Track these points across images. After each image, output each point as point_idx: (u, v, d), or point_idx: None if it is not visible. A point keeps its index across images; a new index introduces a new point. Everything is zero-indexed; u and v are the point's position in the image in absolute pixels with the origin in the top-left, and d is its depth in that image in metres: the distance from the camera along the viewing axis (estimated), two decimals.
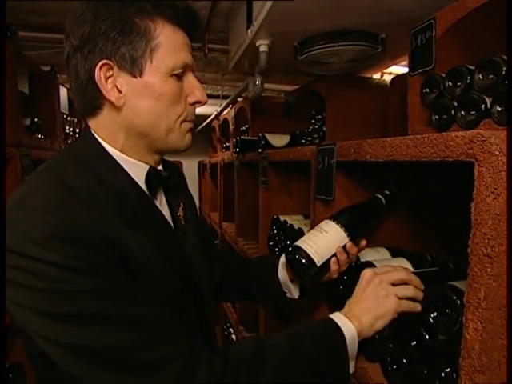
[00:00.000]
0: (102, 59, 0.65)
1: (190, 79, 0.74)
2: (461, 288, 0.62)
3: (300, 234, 1.27)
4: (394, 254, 0.95)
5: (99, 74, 0.66)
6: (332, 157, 0.88)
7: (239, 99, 2.39)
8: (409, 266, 0.85)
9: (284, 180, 1.55)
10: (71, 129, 2.34)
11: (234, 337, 2.53)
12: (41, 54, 2.01)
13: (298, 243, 0.83)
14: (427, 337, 0.66)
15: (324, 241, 0.81)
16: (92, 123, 0.73)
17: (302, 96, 1.92)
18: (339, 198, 0.92)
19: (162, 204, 0.79)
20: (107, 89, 0.67)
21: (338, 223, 0.82)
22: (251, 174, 2.04)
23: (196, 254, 0.84)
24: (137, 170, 0.73)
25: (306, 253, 0.80)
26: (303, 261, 0.80)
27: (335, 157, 0.87)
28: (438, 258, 0.94)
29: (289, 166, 1.49)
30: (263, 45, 1.38)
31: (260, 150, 1.61)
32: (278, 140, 1.65)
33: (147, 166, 0.74)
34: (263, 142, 1.62)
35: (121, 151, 0.72)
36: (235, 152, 1.98)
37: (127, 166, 0.72)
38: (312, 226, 1.04)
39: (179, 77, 0.71)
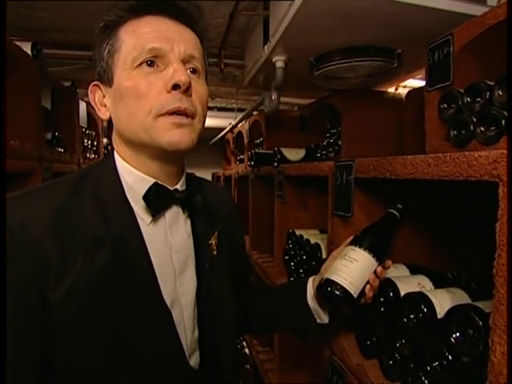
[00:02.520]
0: (93, 82, 0.71)
1: (167, 65, 0.65)
2: (483, 309, 0.61)
3: (316, 248, 1.27)
4: (413, 271, 0.93)
5: (91, 96, 0.72)
6: (350, 173, 0.88)
7: (254, 113, 2.42)
8: (429, 283, 0.84)
9: (299, 194, 1.55)
10: (89, 142, 2.39)
11: (247, 350, 2.51)
12: (62, 70, 2.07)
13: (330, 277, 0.78)
14: (450, 358, 0.64)
15: (356, 271, 0.77)
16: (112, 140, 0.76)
17: (316, 110, 1.93)
18: (357, 214, 0.91)
19: (174, 227, 0.72)
20: (98, 107, 0.72)
21: (365, 249, 0.79)
22: (266, 188, 2.05)
23: (220, 297, 0.77)
24: (141, 185, 0.68)
25: (341, 286, 0.76)
26: (339, 294, 0.76)
27: (353, 173, 0.87)
28: (459, 277, 0.92)
29: (304, 181, 1.49)
30: (280, 61, 1.40)
31: (276, 164, 1.62)
32: (294, 154, 1.66)
33: (152, 181, 0.69)
34: (279, 156, 1.63)
35: (131, 165, 0.70)
36: (250, 165, 2.00)
37: (133, 179, 0.69)
38: (329, 242, 1.03)
39: (149, 66, 0.65)
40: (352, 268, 0.77)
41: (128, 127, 0.67)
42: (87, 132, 2.35)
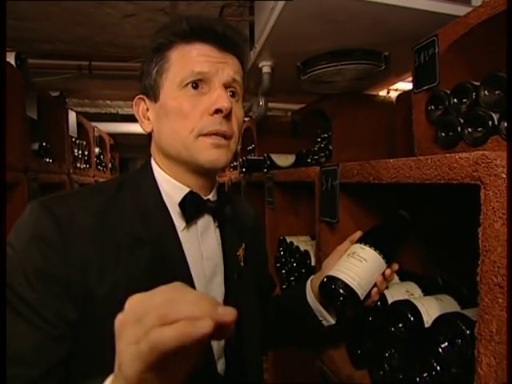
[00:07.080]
0: (138, 95, 0.75)
1: (211, 89, 0.70)
2: (471, 317, 0.59)
3: (306, 255, 1.24)
4: (403, 277, 0.91)
5: (135, 108, 0.76)
6: (335, 178, 0.86)
7: (245, 119, 2.41)
8: (418, 290, 0.81)
9: (290, 200, 1.53)
10: (80, 152, 2.37)
11: None
12: (51, 79, 2.06)
13: (337, 275, 0.73)
14: (438, 368, 0.62)
15: (365, 271, 0.72)
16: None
17: (307, 115, 1.91)
18: (344, 220, 0.89)
19: (205, 235, 0.75)
20: (141, 119, 0.76)
21: (375, 249, 0.73)
22: (258, 194, 2.02)
23: (247, 308, 0.77)
24: (178, 193, 0.73)
25: (347, 286, 0.71)
26: (345, 294, 0.70)
27: (338, 178, 0.85)
28: (450, 282, 0.90)
29: (295, 186, 1.47)
30: (266, 66, 1.38)
31: (265, 171, 1.60)
32: (284, 160, 1.64)
33: (188, 190, 0.73)
34: (268, 163, 1.61)
35: (168, 174, 0.74)
36: (242, 172, 1.98)
37: (169, 187, 0.73)
38: (317, 249, 1.01)
39: (194, 88, 0.69)
40: (361, 268, 0.72)
41: (170, 143, 0.71)
42: (77, 142, 2.33)
